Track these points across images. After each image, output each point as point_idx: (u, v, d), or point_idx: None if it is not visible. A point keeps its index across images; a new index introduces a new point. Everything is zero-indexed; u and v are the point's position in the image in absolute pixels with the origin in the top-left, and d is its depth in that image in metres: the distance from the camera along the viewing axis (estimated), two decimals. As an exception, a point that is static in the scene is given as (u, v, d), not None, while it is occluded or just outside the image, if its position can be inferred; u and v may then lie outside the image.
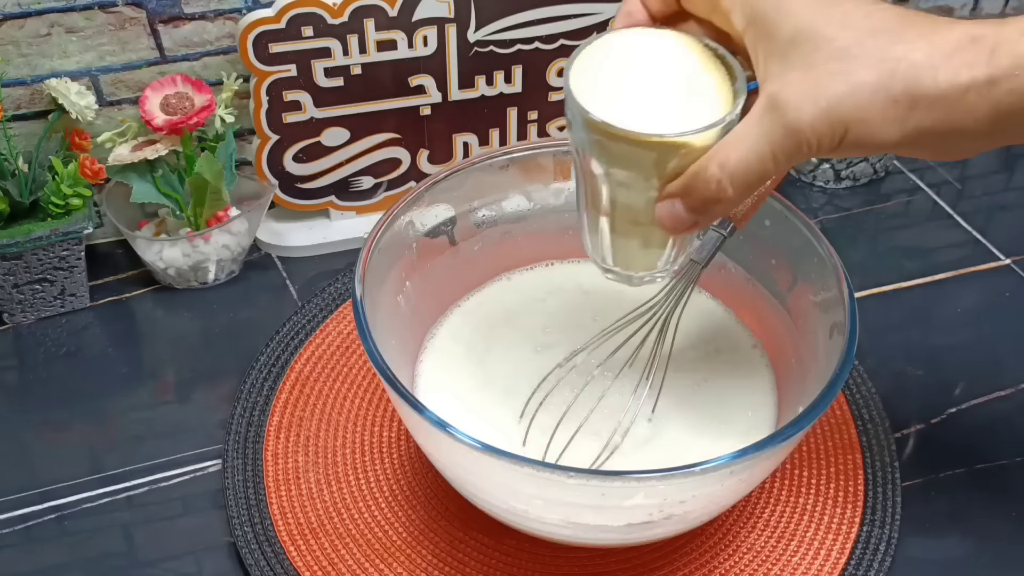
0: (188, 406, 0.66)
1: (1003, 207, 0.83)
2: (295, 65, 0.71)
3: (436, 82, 0.74)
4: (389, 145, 0.77)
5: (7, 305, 0.71)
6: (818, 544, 0.57)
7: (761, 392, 0.58)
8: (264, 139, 0.74)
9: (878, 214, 0.82)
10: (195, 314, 0.73)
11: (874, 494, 0.59)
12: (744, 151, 0.41)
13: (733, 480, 0.47)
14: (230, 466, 0.61)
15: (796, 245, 0.56)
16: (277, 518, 0.58)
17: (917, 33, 0.39)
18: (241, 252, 0.75)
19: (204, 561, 0.57)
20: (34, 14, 0.67)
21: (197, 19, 0.71)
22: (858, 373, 0.67)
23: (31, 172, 0.69)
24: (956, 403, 0.66)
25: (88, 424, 0.65)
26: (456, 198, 0.61)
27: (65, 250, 0.70)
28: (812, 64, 0.39)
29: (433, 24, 0.71)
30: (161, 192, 0.71)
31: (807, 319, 0.56)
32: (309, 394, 0.65)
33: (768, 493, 0.60)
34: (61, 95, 0.68)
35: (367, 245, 0.54)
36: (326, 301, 0.72)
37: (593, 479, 0.45)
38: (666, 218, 0.44)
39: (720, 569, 0.56)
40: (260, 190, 0.76)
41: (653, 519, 0.48)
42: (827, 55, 0.39)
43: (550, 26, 0.74)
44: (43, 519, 0.59)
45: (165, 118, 0.69)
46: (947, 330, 0.72)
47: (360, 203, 0.80)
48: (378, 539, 0.57)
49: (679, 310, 0.55)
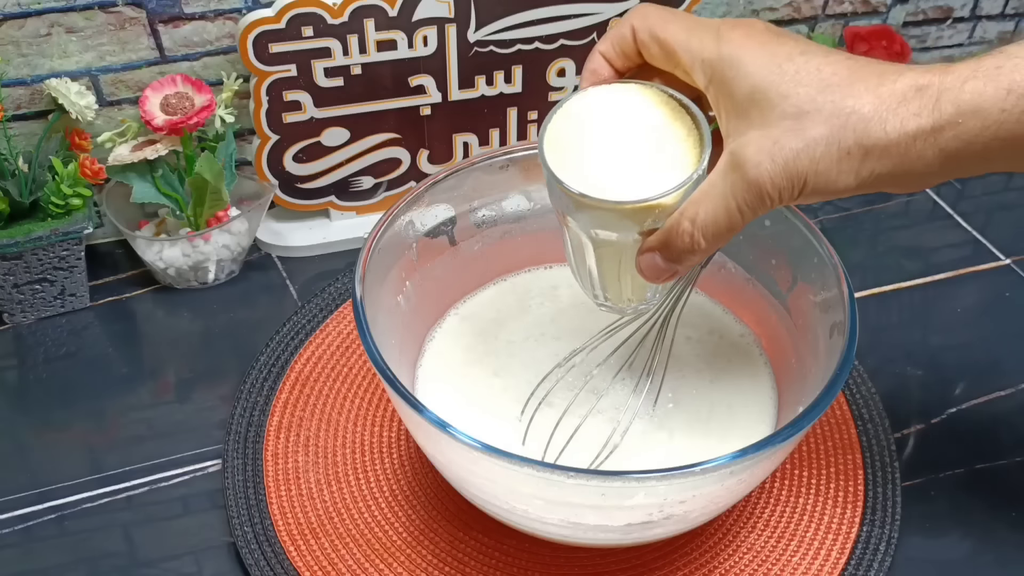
0: (188, 406, 0.66)
1: (1003, 207, 0.83)
2: (295, 65, 0.71)
3: (436, 82, 0.74)
4: (389, 145, 0.77)
5: (7, 305, 0.71)
6: (818, 544, 0.57)
7: (761, 392, 0.58)
8: (264, 139, 0.74)
9: (878, 214, 0.82)
10: (195, 314, 0.73)
11: (874, 494, 0.59)
12: (712, 207, 0.44)
13: (733, 480, 0.47)
14: (230, 466, 0.61)
15: (796, 245, 0.56)
16: (277, 518, 0.58)
17: (865, 86, 0.41)
18: (241, 252, 0.75)
19: (204, 561, 0.57)
20: (34, 14, 0.67)
21: (197, 19, 0.71)
22: (858, 373, 0.67)
23: (31, 172, 0.70)
24: (956, 403, 0.66)
25: (88, 424, 0.65)
26: (456, 198, 0.61)
27: (65, 250, 0.70)
28: (769, 122, 0.41)
29: (433, 24, 0.71)
30: (161, 192, 0.71)
31: (807, 319, 0.56)
32: (309, 394, 0.66)
33: (768, 493, 0.60)
34: (61, 95, 0.68)
35: (367, 245, 0.54)
36: (326, 301, 0.72)
37: (593, 479, 0.45)
38: (646, 269, 0.48)
39: (720, 569, 0.56)
40: (260, 190, 0.76)
41: (653, 519, 0.48)
42: (782, 113, 0.41)
43: (550, 26, 0.74)
44: (43, 519, 0.59)
45: (165, 118, 0.69)
46: (947, 330, 0.72)
47: (360, 203, 0.80)
48: (378, 539, 0.57)
49: (678, 310, 0.55)
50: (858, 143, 0.40)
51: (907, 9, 0.88)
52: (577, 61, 0.76)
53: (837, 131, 0.40)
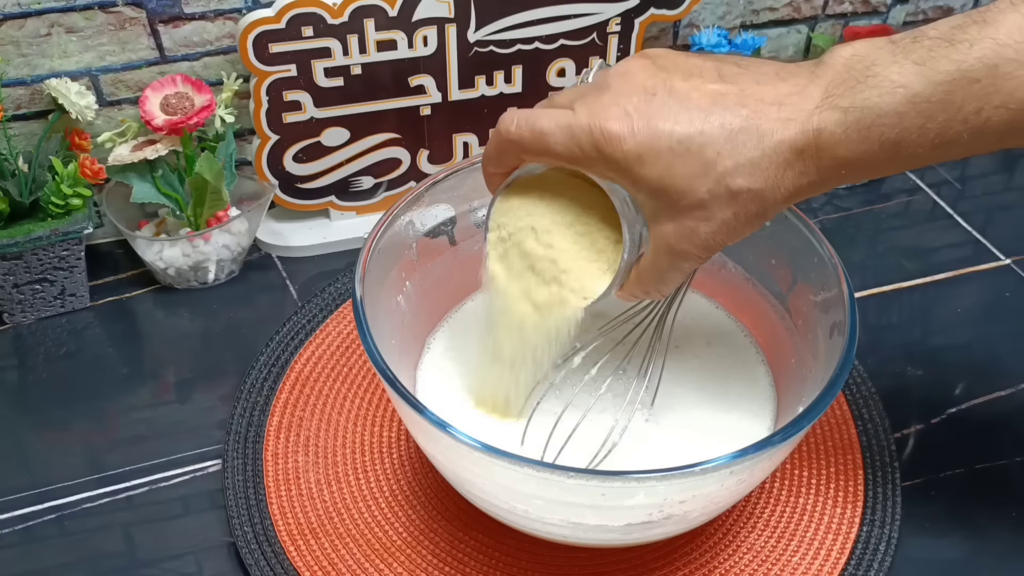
0: (188, 406, 0.66)
1: (1003, 207, 0.83)
2: (295, 65, 0.71)
3: (436, 82, 0.74)
4: (389, 145, 0.77)
5: (7, 305, 0.71)
6: (818, 544, 0.57)
7: (761, 392, 0.58)
8: (264, 139, 0.74)
9: (878, 214, 0.82)
10: (195, 314, 0.73)
11: (874, 494, 0.59)
12: (659, 281, 0.49)
13: (733, 480, 0.47)
14: (230, 466, 0.61)
15: (796, 245, 0.56)
16: (277, 518, 0.58)
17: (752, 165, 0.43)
18: (241, 252, 0.75)
19: (204, 561, 0.57)
20: (34, 14, 0.67)
21: (197, 19, 0.71)
22: (858, 373, 0.67)
23: (31, 172, 0.70)
24: (956, 403, 0.66)
25: (88, 424, 0.65)
26: (456, 198, 0.61)
27: (65, 250, 0.70)
28: (679, 215, 0.45)
29: (433, 24, 0.71)
30: (161, 192, 0.71)
31: (807, 319, 0.56)
32: (309, 394, 0.66)
33: (768, 493, 0.60)
34: (61, 95, 0.68)
35: (367, 245, 0.54)
36: (326, 301, 0.72)
37: (593, 479, 0.45)
38: (627, 298, 0.52)
39: (720, 569, 0.56)
40: (260, 190, 0.76)
41: (653, 519, 0.48)
42: (687, 206, 0.44)
43: (550, 26, 0.74)
44: (43, 519, 0.59)
45: (165, 118, 0.69)
46: (947, 330, 0.72)
47: (360, 203, 0.80)
48: (378, 539, 0.57)
49: (675, 307, 0.55)
50: (760, 212, 0.44)
51: (907, 9, 0.88)
52: (577, 61, 0.76)
53: (740, 208, 0.44)
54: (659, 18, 0.76)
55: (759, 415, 0.56)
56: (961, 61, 0.40)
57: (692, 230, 0.45)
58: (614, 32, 0.76)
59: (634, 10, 0.75)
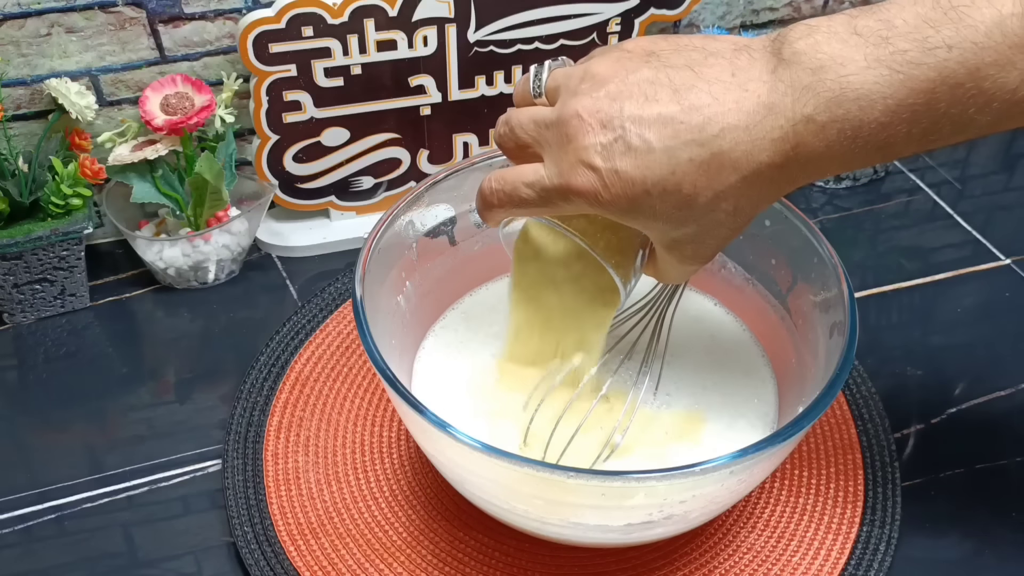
0: (188, 406, 0.66)
1: (1003, 207, 0.83)
2: (295, 65, 0.71)
3: (436, 82, 0.74)
4: (389, 145, 0.77)
5: (7, 305, 0.71)
6: (818, 544, 0.57)
7: (761, 392, 0.58)
8: (264, 139, 0.74)
9: (878, 214, 0.82)
10: (195, 314, 0.73)
11: (874, 494, 0.59)
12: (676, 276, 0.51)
13: (733, 480, 0.47)
14: (230, 466, 0.61)
15: (796, 245, 0.56)
16: (277, 518, 0.58)
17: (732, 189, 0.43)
18: (241, 252, 0.75)
19: (204, 561, 0.57)
20: (34, 14, 0.67)
21: (197, 19, 0.71)
22: (858, 373, 0.67)
23: (31, 172, 0.70)
24: (956, 403, 0.66)
25: (88, 424, 0.65)
26: (456, 198, 0.61)
27: (65, 250, 0.70)
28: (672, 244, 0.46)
29: (433, 24, 0.71)
30: (161, 192, 0.71)
31: (807, 319, 0.56)
32: (309, 394, 0.66)
33: (768, 493, 0.60)
34: (61, 95, 0.68)
35: (367, 245, 0.54)
36: (326, 301, 0.72)
37: (593, 479, 0.45)
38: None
39: (720, 569, 0.56)
40: (260, 190, 0.77)
41: (653, 519, 0.48)
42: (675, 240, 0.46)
43: (550, 26, 0.74)
44: (43, 519, 0.59)
45: (165, 118, 0.69)
46: (947, 330, 0.72)
47: (360, 203, 0.80)
48: (378, 539, 0.57)
49: (673, 305, 0.55)
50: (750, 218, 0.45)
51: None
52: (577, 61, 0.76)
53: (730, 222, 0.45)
54: (659, 18, 0.76)
55: (759, 415, 0.56)
56: (942, 67, 0.39)
57: (696, 253, 0.47)
58: (614, 32, 0.76)
59: (634, 10, 0.75)
